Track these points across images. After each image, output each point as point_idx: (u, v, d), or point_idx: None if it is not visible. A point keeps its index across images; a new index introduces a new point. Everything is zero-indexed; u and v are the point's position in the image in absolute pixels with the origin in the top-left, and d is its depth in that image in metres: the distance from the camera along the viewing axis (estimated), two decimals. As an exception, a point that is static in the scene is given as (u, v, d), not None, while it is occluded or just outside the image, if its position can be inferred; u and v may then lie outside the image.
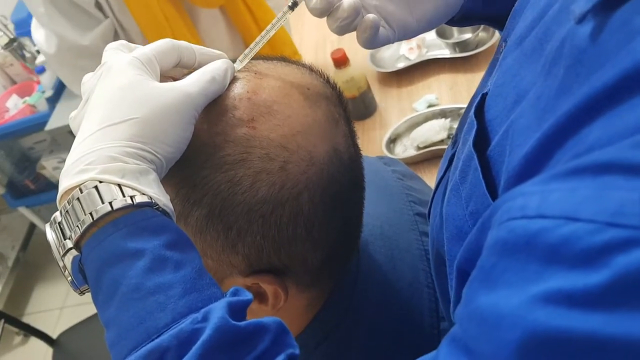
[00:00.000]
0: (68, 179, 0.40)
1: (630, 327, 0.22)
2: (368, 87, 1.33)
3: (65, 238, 0.40)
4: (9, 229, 2.76)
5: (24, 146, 2.58)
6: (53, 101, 2.23)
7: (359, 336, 0.56)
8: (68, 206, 0.39)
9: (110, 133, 0.40)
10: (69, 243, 0.39)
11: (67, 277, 0.40)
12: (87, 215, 0.38)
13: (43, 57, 2.29)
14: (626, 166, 0.24)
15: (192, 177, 0.46)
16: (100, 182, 0.39)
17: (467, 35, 1.36)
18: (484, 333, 0.27)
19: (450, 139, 0.95)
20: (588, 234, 0.24)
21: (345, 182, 0.49)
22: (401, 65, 1.40)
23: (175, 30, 1.24)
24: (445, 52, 1.38)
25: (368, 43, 0.48)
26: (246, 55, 0.50)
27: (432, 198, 0.54)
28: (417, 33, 0.51)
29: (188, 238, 0.41)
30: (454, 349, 0.30)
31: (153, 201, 0.40)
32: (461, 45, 1.36)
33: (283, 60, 0.53)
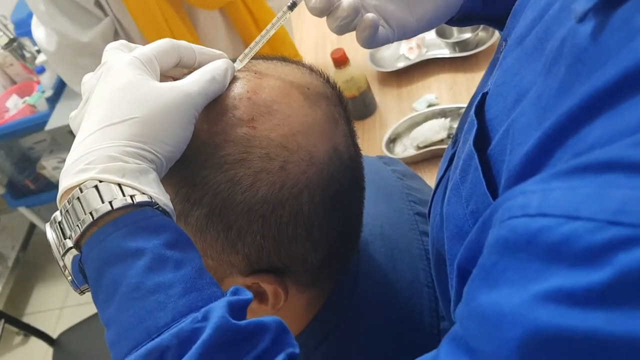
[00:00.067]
0: (68, 179, 0.40)
1: (631, 326, 0.22)
2: (368, 87, 1.33)
3: (65, 237, 0.40)
4: (9, 229, 2.76)
5: (24, 146, 2.58)
6: (53, 101, 2.23)
7: (359, 336, 0.56)
8: (68, 206, 0.39)
9: (110, 133, 0.40)
10: (69, 242, 0.39)
11: (67, 277, 0.40)
12: (87, 214, 0.38)
13: (43, 57, 2.30)
14: (627, 164, 0.24)
15: (192, 177, 0.46)
16: (100, 182, 0.39)
17: (467, 34, 1.36)
18: (485, 332, 0.27)
19: (450, 139, 0.95)
20: (589, 233, 0.24)
21: (345, 182, 0.49)
22: (401, 64, 1.40)
23: (174, 30, 1.24)
24: (445, 52, 1.37)
25: (367, 42, 0.48)
26: (246, 54, 0.50)
27: (432, 197, 0.54)
28: (417, 33, 0.51)
29: (188, 237, 0.41)
30: (455, 348, 0.30)
31: (153, 201, 0.40)
32: (461, 44, 1.36)
33: (283, 60, 0.53)
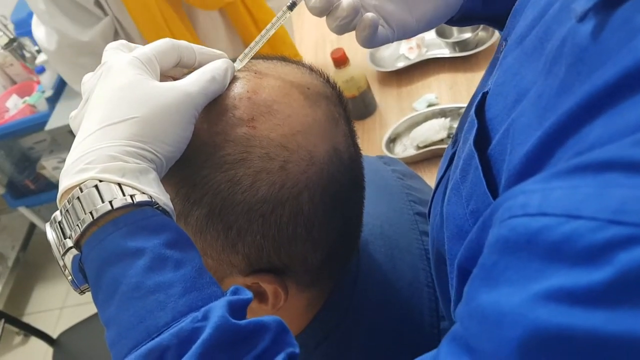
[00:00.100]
0: (68, 178, 0.40)
1: (632, 325, 0.22)
2: (368, 87, 1.33)
3: (65, 237, 0.40)
4: (9, 229, 2.76)
5: (24, 146, 2.59)
6: (53, 101, 2.23)
7: (359, 336, 0.56)
8: (68, 205, 0.39)
9: (110, 132, 0.40)
10: (69, 242, 0.39)
11: (68, 277, 0.40)
12: (87, 214, 0.38)
13: (43, 57, 2.30)
14: (627, 164, 0.24)
15: (192, 177, 0.46)
16: (100, 181, 0.39)
17: (467, 34, 1.36)
18: (485, 331, 0.27)
19: (450, 139, 0.95)
20: (590, 232, 0.24)
21: (345, 182, 0.49)
22: (401, 64, 1.40)
23: (174, 30, 1.25)
24: (445, 52, 1.37)
25: (367, 42, 0.48)
26: (246, 54, 0.50)
27: (433, 197, 0.54)
28: (417, 33, 0.51)
29: (188, 237, 0.41)
30: (455, 347, 0.30)
31: (153, 200, 0.40)
32: (461, 44, 1.36)
33: (283, 59, 0.53)
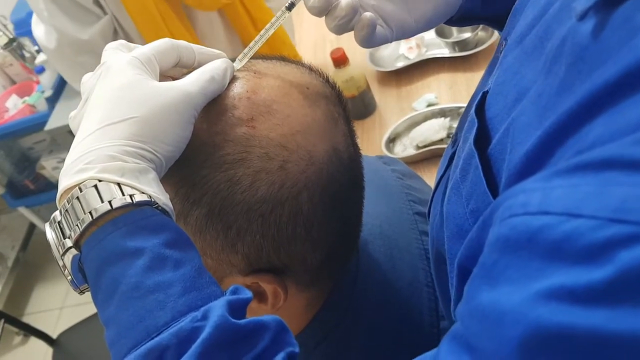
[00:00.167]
0: (67, 178, 0.40)
1: (633, 323, 0.22)
2: (367, 87, 1.33)
3: (64, 237, 0.40)
4: (9, 229, 2.76)
5: (24, 146, 2.59)
6: (52, 101, 2.23)
7: (359, 336, 0.56)
8: (67, 205, 0.39)
9: (109, 132, 0.40)
10: (69, 242, 0.39)
11: (67, 276, 0.40)
12: (87, 214, 0.38)
13: (42, 57, 2.30)
14: (628, 162, 0.24)
15: (192, 177, 0.46)
16: (99, 181, 0.39)
17: (467, 34, 1.36)
18: (486, 330, 0.27)
19: (449, 138, 0.95)
20: (590, 230, 0.24)
21: (344, 182, 0.49)
22: (400, 64, 1.40)
23: (173, 31, 1.25)
24: (444, 52, 1.37)
25: (365, 42, 0.48)
26: (245, 54, 0.49)
27: (432, 197, 0.54)
28: (416, 33, 0.51)
29: (187, 237, 0.41)
30: (455, 346, 0.30)
31: (152, 200, 0.40)
32: (460, 44, 1.36)
33: (282, 59, 0.53)
